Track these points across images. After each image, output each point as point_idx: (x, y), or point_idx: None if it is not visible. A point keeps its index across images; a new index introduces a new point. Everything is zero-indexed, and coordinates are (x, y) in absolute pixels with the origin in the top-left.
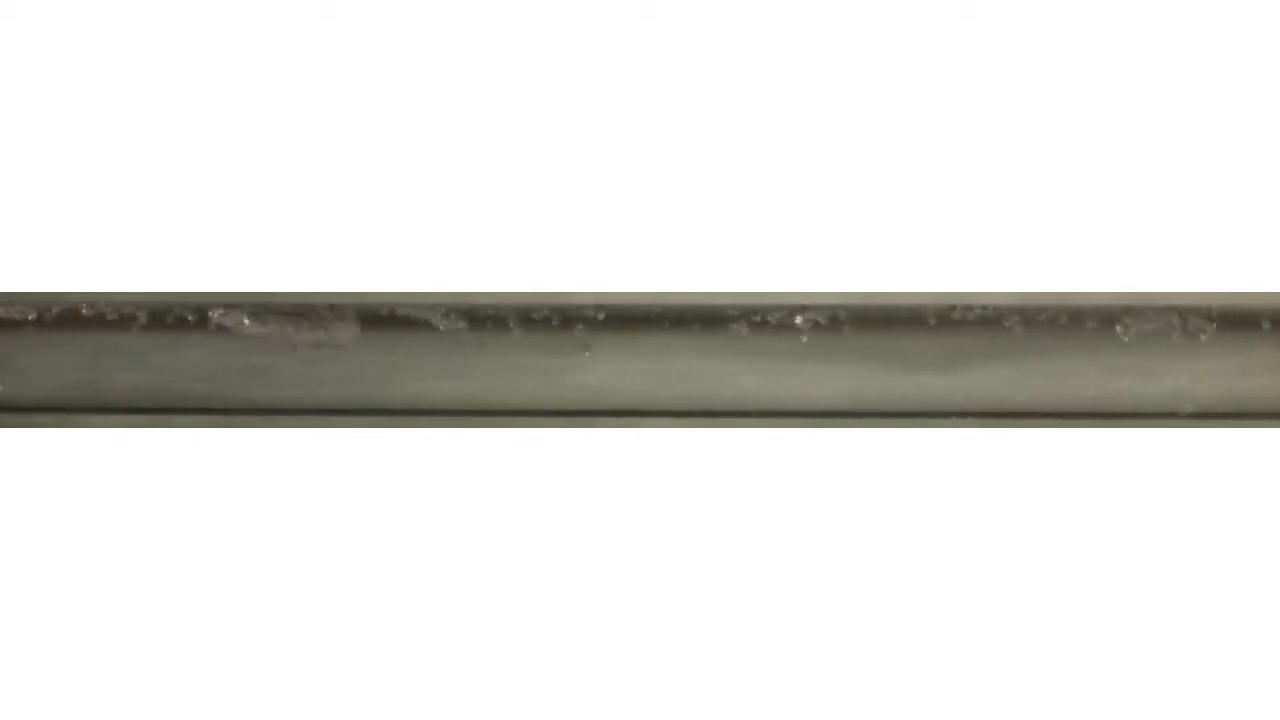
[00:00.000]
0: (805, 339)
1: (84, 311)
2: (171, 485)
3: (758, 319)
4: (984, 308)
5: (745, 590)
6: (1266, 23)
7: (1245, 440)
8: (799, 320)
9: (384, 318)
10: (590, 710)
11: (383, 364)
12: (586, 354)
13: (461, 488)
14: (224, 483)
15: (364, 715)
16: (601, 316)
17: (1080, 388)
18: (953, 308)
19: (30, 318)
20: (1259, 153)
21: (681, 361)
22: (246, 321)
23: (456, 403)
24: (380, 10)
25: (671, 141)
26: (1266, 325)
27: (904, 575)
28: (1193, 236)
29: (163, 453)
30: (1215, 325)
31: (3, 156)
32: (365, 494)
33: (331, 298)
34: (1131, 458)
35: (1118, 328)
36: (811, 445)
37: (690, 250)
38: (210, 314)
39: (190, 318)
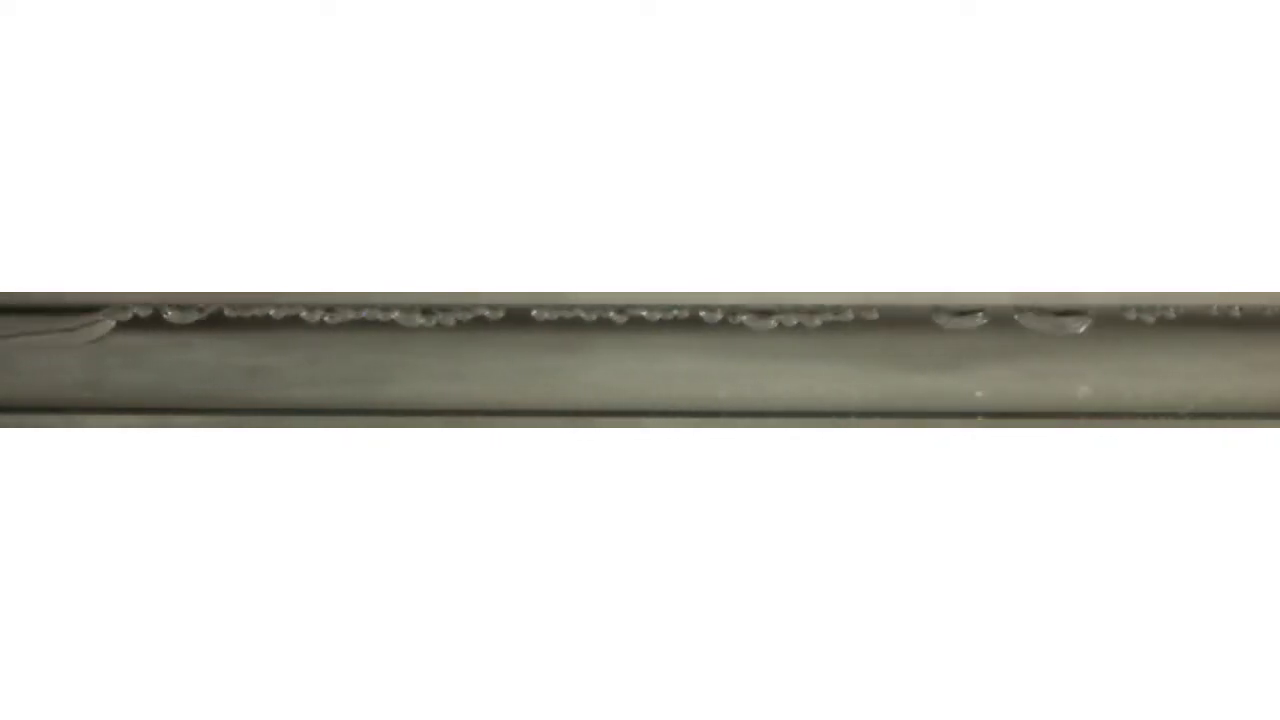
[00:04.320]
0: (805, 339)
1: (84, 311)
2: (172, 485)
3: (757, 319)
4: (984, 308)
5: (746, 590)
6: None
7: (1245, 440)
8: (799, 320)
9: (384, 317)
10: (590, 710)
11: (384, 364)
12: (587, 354)
13: (461, 488)
14: (224, 483)
15: (364, 715)
16: (601, 316)
17: (1080, 388)
18: (953, 308)
19: (33, 317)
20: (1259, 153)
21: (681, 361)
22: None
23: (456, 403)
24: (380, 12)
25: (672, 141)
26: (1265, 325)
27: (904, 575)
28: (1192, 236)
29: (163, 453)
30: (1214, 325)
31: (3, 156)
32: (365, 494)
33: (335, 298)
34: (1131, 458)
35: (1117, 327)
36: (812, 445)
37: (690, 250)
38: (225, 313)
39: (194, 317)
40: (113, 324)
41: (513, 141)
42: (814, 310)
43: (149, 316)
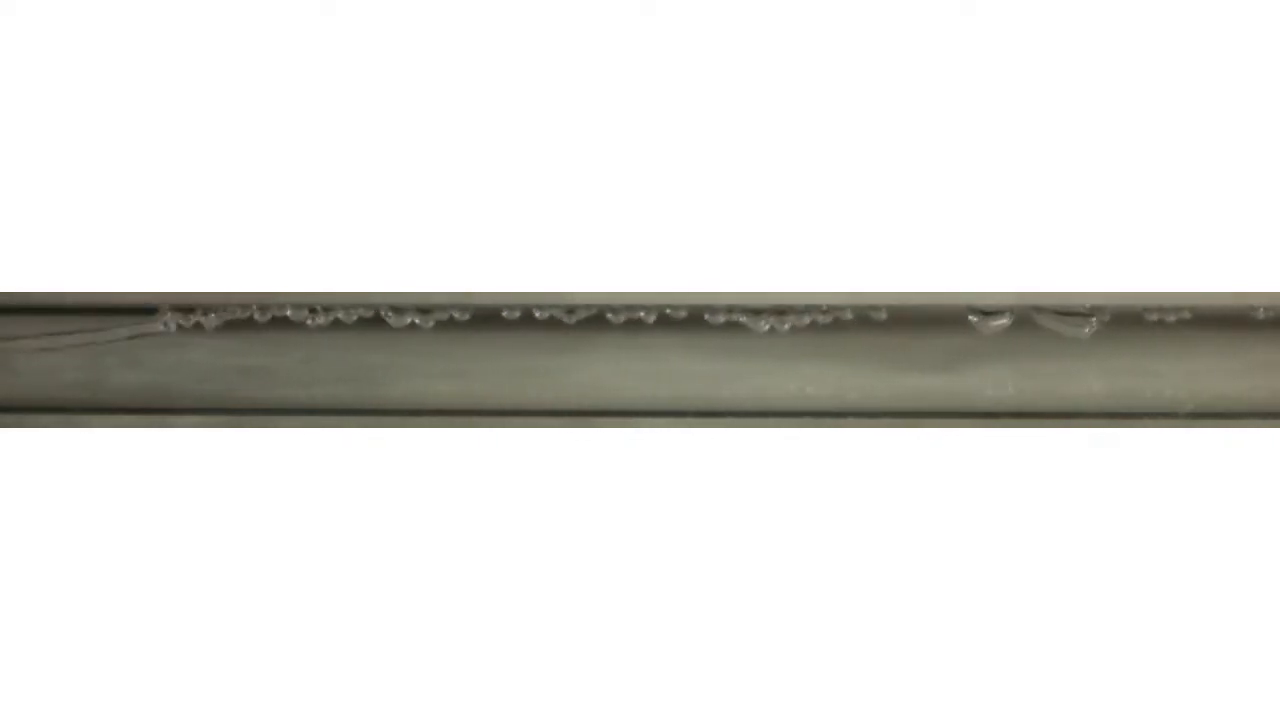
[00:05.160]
0: (804, 339)
1: (84, 311)
2: (171, 485)
3: (757, 319)
4: (983, 307)
5: (745, 591)
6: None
7: (1245, 440)
8: (798, 320)
9: (383, 317)
10: (589, 710)
11: (383, 364)
12: (586, 354)
13: (461, 488)
14: (224, 483)
15: (363, 715)
16: (601, 316)
17: (1080, 388)
18: (953, 308)
19: (32, 317)
20: (1259, 153)
21: (681, 361)
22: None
23: (454, 402)
24: (374, 11)
25: (671, 141)
26: (1265, 325)
27: (903, 576)
28: (1193, 236)
29: (163, 453)
30: (1214, 325)
31: (3, 156)
32: (364, 494)
33: (333, 298)
34: (1131, 457)
35: (1117, 327)
36: (811, 445)
37: (689, 250)
38: (210, 315)
39: (194, 317)
40: (174, 327)
41: (510, 140)
42: (812, 310)
43: (151, 316)
